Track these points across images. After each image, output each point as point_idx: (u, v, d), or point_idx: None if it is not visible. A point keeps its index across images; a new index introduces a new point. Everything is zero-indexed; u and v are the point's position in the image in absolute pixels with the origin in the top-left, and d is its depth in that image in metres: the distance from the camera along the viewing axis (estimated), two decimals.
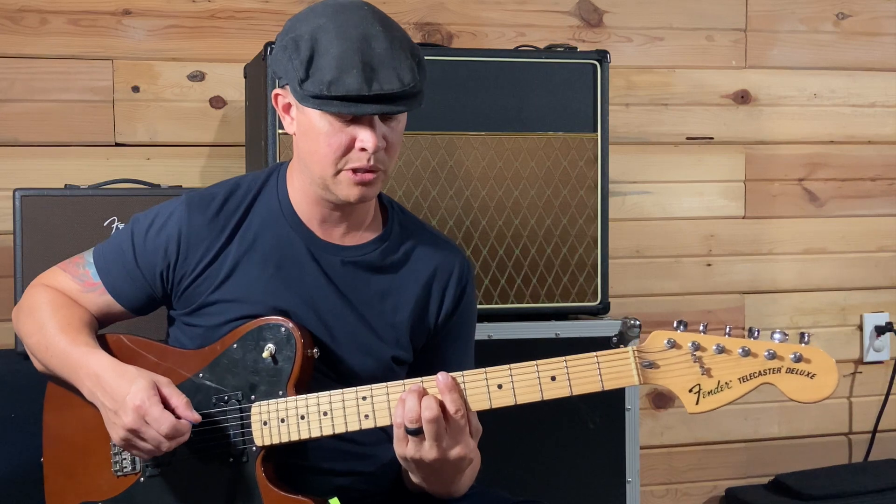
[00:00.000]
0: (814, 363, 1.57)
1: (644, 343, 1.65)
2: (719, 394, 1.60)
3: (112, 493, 1.82)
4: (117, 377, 1.72)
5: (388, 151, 1.75)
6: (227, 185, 1.88)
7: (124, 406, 1.69)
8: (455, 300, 1.90)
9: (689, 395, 1.61)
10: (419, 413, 1.62)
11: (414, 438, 1.64)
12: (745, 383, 1.60)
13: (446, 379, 1.65)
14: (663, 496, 3.27)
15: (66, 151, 2.85)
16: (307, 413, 1.73)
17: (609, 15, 3.17)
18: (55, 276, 1.91)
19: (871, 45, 3.36)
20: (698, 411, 1.62)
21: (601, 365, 1.64)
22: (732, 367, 1.60)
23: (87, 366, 1.77)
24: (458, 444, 1.65)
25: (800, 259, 3.33)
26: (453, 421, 1.64)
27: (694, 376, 1.61)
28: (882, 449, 3.36)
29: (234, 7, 2.94)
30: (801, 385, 1.58)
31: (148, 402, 1.68)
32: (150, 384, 1.71)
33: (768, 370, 1.59)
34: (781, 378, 1.58)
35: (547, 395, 1.66)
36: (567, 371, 1.65)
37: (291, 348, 1.76)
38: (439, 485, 1.75)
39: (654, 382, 1.63)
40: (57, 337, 1.81)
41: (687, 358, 1.61)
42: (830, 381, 1.57)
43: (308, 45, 1.69)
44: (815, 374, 1.57)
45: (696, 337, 1.61)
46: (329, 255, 1.84)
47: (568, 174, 2.56)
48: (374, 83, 1.67)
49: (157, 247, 1.83)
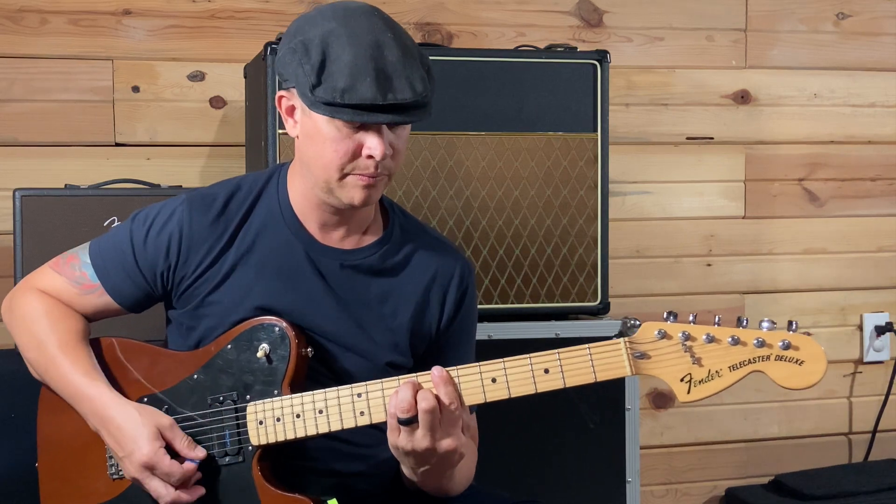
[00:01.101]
0: (802, 350, 1.59)
1: (635, 334, 1.66)
2: (710, 382, 1.62)
3: (108, 495, 1.82)
4: (123, 423, 1.75)
5: (393, 157, 1.75)
6: (228, 185, 1.88)
7: (132, 459, 1.75)
8: (456, 304, 1.90)
9: (680, 384, 1.63)
10: (412, 403, 1.63)
11: (406, 428, 1.64)
12: (736, 371, 1.61)
13: (441, 372, 1.66)
14: (663, 496, 3.27)
15: (66, 151, 2.85)
16: (302, 411, 1.74)
17: (609, 15, 3.17)
18: (49, 279, 1.88)
19: (871, 45, 3.36)
20: (690, 400, 1.63)
21: (593, 356, 1.66)
22: (722, 355, 1.61)
23: (90, 400, 1.79)
24: (449, 435, 1.65)
25: (800, 259, 3.33)
26: (447, 412, 1.65)
27: (685, 365, 1.63)
28: (882, 449, 3.36)
29: (234, 7, 2.94)
30: (789, 372, 1.59)
31: (154, 457, 1.73)
32: (154, 435, 1.74)
33: (757, 358, 1.60)
34: (770, 365, 1.60)
35: (540, 387, 1.67)
36: (560, 363, 1.66)
37: (286, 347, 1.76)
38: (431, 479, 1.75)
39: (646, 372, 1.65)
40: (58, 358, 1.82)
41: (677, 348, 1.63)
42: (819, 367, 1.58)
43: (318, 49, 1.67)
44: (803, 360, 1.59)
45: (686, 327, 1.63)
46: (327, 259, 1.83)
47: (568, 174, 2.56)
48: (388, 93, 1.66)
49: (159, 247, 1.82)
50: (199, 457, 1.75)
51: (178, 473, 1.73)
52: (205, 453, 1.76)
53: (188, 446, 1.76)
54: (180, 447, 1.76)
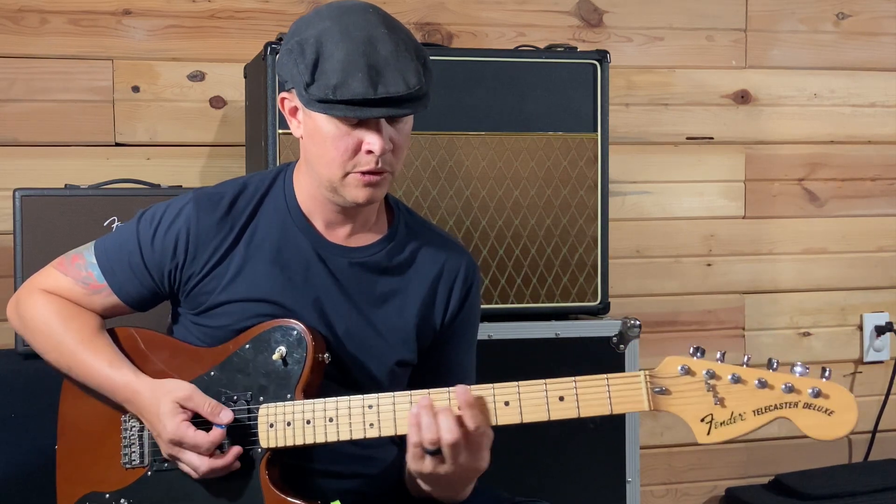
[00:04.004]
0: (832, 399, 1.51)
1: (657, 368, 1.60)
2: (732, 425, 1.55)
3: (119, 484, 1.82)
4: (150, 404, 1.77)
5: (395, 153, 1.75)
6: (234, 184, 1.88)
7: (162, 439, 1.76)
8: (461, 300, 1.90)
9: (700, 424, 1.56)
10: (438, 435, 1.60)
11: (432, 458, 1.63)
12: (760, 416, 1.54)
13: (467, 395, 1.62)
14: (663, 496, 3.27)
15: (66, 151, 2.85)
16: (313, 418, 1.73)
17: (609, 15, 3.17)
18: (54, 279, 1.88)
19: (871, 45, 3.35)
20: (709, 442, 1.56)
21: (611, 388, 1.60)
22: (748, 398, 1.54)
23: (120, 390, 1.80)
24: (475, 458, 1.64)
25: (800, 259, 3.33)
26: (473, 438, 1.62)
27: (707, 405, 1.55)
28: (882, 449, 3.36)
29: (234, 7, 2.94)
30: (818, 422, 1.52)
31: (178, 431, 1.73)
32: (174, 410, 1.74)
33: (785, 404, 1.53)
34: (798, 413, 1.52)
35: (554, 415, 1.62)
36: (576, 392, 1.61)
37: (302, 351, 1.76)
38: (447, 493, 1.75)
39: (666, 409, 1.58)
40: (80, 355, 1.82)
41: (700, 386, 1.56)
42: (849, 419, 1.51)
43: (313, 48, 1.69)
44: (833, 410, 1.51)
45: (712, 365, 1.56)
46: (336, 257, 1.83)
47: (568, 174, 2.56)
48: (379, 86, 1.66)
49: (166, 246, 1.82)
50: (225, 421, 1.74)
51: (206, 443, 1.72)
52: (231, 416, 1.74)
53: (213, 411, 1.75)
54: (205, 414, 1.75)
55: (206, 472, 1.74)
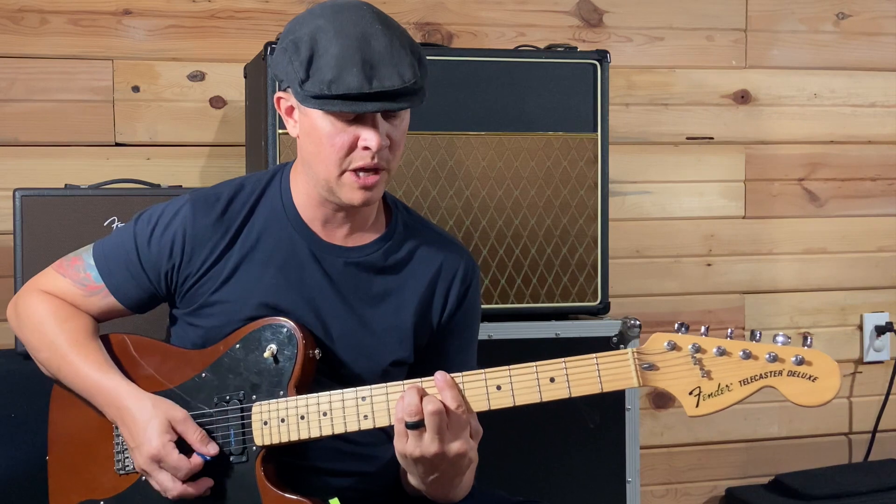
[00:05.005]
0: (815, 366, 1.55)
1: (644, 345, 1.63)
2: (720, 396, 1.58)
3: (114, 491, 1.82)
4: (137, 414, 1.76)
5: (391, 150, 1.75)
6: (231, 185, 1.88)
7: (141, 451, 1.75)
8: (459, 299, 1.90)
9: (689, 397, 1.60)
10: (419, 406, 1.62)
11: (414, 433, 1.63)
12: (746, 386, 1.57)
13: (444, 376, 1.65)
14: (663, 496, 3.27)
15: (66, 151, 2.85)
16: (307, 413, 1.73)
17: (609, 15, 3.17)
18: (53, 281, 1.89)
19: (871, 45, 3.36)
20: (698, 414, 1.60)
21: (600, 367, 1.63)
22: (733, 369, 1.58)
23: (106, 392, 1.80)
24: (458, 439, 1.65)
25: (800, 259, 3.33)
26: (454, 415, 1.64)
27: (694, 379, 1.59)
28: (882, 449, 3.36)
29: (234, 7, 2.94)
30: (802, 388, 1.55)
31: (163, 450, 1.73)
32: (165, 428, 1.74)
33: (769, 373, 1.56)
34: (783, 381, 1.56)
35: (546, 396, 1.65)
36: (566, 372, 1.64)
37: (293, 348, 1.76)
38: (438, 486, 1.74)
39: (654, 384, 1.62)
40: (70, 356, 1.82)
41: (687, 360, 1.60)
42: (832, 384, 1.54)
43: (307, 45, 1.69)
44: (816, 377, 1.55)
45: (697, 339, 1.59)
46: (332, 257, 1.84)
47: (568, 174, 2.56)
48: (374, 80, 1.67)
49: (163, 247, 1.83)
50: (210, 453, 1.75)
51: (186, 468, 1.73)
52: (217, 449, 1.76)
53: (201, 441, 1.76)
54: (193, 440, 1.75)
55: (175, 496, 1.74)
